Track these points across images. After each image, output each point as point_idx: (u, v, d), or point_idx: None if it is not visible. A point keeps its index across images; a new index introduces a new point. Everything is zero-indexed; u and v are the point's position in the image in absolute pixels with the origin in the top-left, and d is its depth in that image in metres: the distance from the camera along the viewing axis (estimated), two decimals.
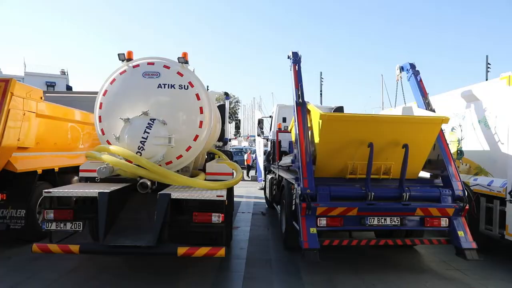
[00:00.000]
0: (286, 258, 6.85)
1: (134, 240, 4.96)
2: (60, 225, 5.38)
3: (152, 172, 5.48)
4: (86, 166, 6.19)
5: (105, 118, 6.08)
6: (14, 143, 6.73)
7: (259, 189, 16.94)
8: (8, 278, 5.55)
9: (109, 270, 6.00)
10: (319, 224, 5.84)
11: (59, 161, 8.32)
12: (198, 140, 6.09)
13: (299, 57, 7.35)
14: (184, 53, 6.18)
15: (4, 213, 6.96)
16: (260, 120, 14.25)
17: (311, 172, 6.01)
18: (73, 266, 6.09)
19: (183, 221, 5.34)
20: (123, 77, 6.12)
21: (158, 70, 6.04)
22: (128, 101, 5.93)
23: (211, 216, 5.16)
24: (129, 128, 5.63)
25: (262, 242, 8.00)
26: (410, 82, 7.99)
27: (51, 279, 5.56)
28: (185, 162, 6.15)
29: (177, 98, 6.00)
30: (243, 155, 25.68)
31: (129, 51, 6.25)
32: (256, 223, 9.95)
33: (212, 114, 6.42)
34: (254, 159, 22.05)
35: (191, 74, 6.23)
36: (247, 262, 6.55)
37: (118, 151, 5.54)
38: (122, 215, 5.45)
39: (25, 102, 6.99)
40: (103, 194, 5.10)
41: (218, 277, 5.87)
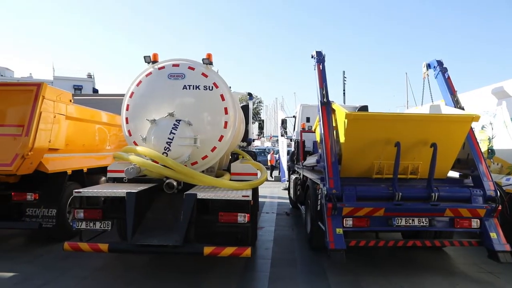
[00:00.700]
0: (311, 259, 6.80)
1: (161, 239, 5.03)
2: (89, 224, 5.51)
3: (178, 172, 5.55)
4: (114, 167, 6.32)
5: (132, 120, 6.19)
6: (45, 145, 6.93)
7: (283, 189, 16.88)
8: (40, 276, 5.72)
9: (136, 269, 6.10)
10: (345, 225, 5.78)
11: (88, 162, 8.53)
12: (223, 141, 6.13)
13: (323, 56, 7.29)
14: (208, 54, 6.22)
15: (37, 212, 7.17)
16: (283, 120, 14.20)
17: (337, 172, 5.95)
18: (101, 265, 6.22)
19: (209, 221, 5.37)
20: (149, 79, 6.21)
21: (183, 71, 6.11)
22: (154, 103, 6.01)
23: (237, 216, 5.17)
24: (155, 129, 5.72)
25: (287, 242, 7.97)
26: (437, 80, 7.80)
27: (80, 277, 5.70)
28: (210, 162, 6.20)
29: (202, 99, 6.05)
30: (266, 155, 25.71)
31: (154, 53, 6.35)
32: (280, 223, 9.93)
33: (237, 114, 6.44)
34: (277, 160, 22.04)
35: (215, 75, 6.27)
36: (272, 262, 6.54)
37: (145, 151, 5.63)
38: (149, 215, 5.53)
39: (56, 105, 7.20)
40: (130, 194, 5.19)
41: (244, 277, 5.88)
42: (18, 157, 6.42)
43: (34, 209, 7.19)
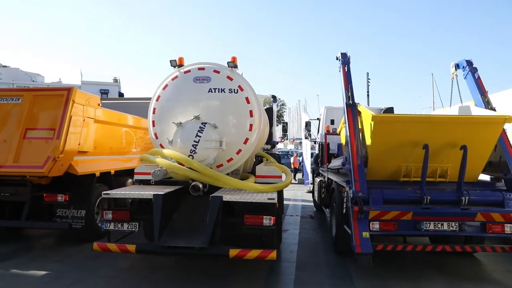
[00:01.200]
0: (336, 262, 6.73)
1: (187, 241, 5.08)
2: (117, 225, 5.61)
3: (203, 174, 5.59)
4: (141, 169, 6.42)
5: (158, 123, 6.29)
6: (75, 148, 7.12)
7: (307, 192, 16.79)
8: (70, 275, 5.87)
9: (162, 270, 6.17)
10: (371, 228, 5.69)
11: (115, 164, 8.70)
12: (248, 143, 6.14)
13: (348, 58, 7.21)
14: (233, 57, 6.26)
15: (67, 213, 7.37)
16: (307, 122, 14.12)
17: (363, 174, 5.87)
18: (128, 265, 6.32)
19: (235, 223, 5.39)
20: (175, 82, 6.30)
21: (208, 75, 6.17)
22: (180, 106, 6.09)
23: (263, 219, 5.17)
24: (182, 132, 5.79)
25: (311, 246, 7.91)
26: (466, 80, 7.60)
27: (108, 277, 5.81)
28: (235, 165, 6.22)
29: (227, 102, 6.09)
30: (289, 158, 25.61)
31: (180, 57, 6.44)
32: (305, 226, 9.87)
33: (262, 117, 6.45)
34: (300, 162, 21.93)
35: (240, 78, 6.30)
36: (297, 265, 6.50)
37: (171, 154, 5.70)
38: (175, 217, 5.59)
39: (85, 109, 7.39)
40: (157, 196, 5.26)
41: (269, 280, 5.87)
42: (50, 160, 6.62)
43: (64, 210, 7.39)
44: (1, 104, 7.31)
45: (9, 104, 7.33)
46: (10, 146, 6.95)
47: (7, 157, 6.89)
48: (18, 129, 7.01)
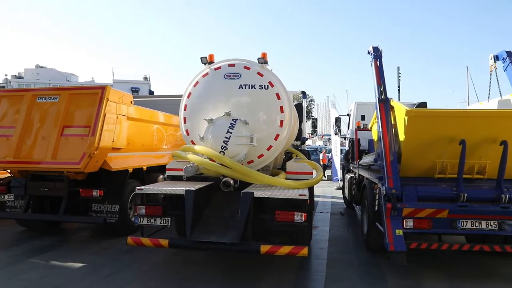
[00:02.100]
0: (368, 260, 6.62)
1: (218, 236, 5.12)
2: (150, 220, 5.73)
3: (234, 170, 5.62)
4: (172, 165, 6.52)
5: (189, 119, 6.36)
6: (109, 144, 7.31)
7: (336, 188, 16.61)
8: (106, 267, 6.04)
9: (194, 265, 6.25)
10: (405, 226, 5.56)
11: (147, 161, 8.89)
12: (279, 139, 6.12)
13: (380, 52, 7.05)
14: (263, 53, 6.24)
15: (101, 207, 7.58)
16: (337, 118, 13.94)
17: (396, 171, 5.74)
18: (161, 260, 6.43)
19: (266, 219, 5.40)
20: (205, 79, 6.35)
21: (238, 71, 6.18)
22: (211, 102, 6.14)
23: (294, 215, 5.15)
24: (213, 128, 5.83)
25: (342, 243, 7.82)
26: (507, 72, 7.28)
27: (143, 270, 5.94)
28: (266, 161, 6.22)
29: (258, 98, 6.09)
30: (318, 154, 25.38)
31: (210, 54, 6.48)
32: (335, 223, 9.77)
33: (292, 113, 6.42)
34: (330, 159, 21.71)
35: (271, 74, 6.28)
36: (328, 262, 6.44)
37: (202, 150, 5.76)
38: (206, 212, 5.65)
39: (118, 107, 7.57)
40: (189, 192, 5.33)
41: (299, 276, 5.84)
42: (86, 156, 6.82)
43: (99, 205, 7.61)
44: (40, 103, 7.58)
45: (47, 103, 7.60)
46: (48, 143, 7.21)
47: (46, 153, 7.15)
48: (56, 126, 7.26)
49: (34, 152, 7.32)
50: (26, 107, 7.56)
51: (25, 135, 7.44)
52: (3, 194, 7.91)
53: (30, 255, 6.67)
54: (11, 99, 7.96)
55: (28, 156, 7.31)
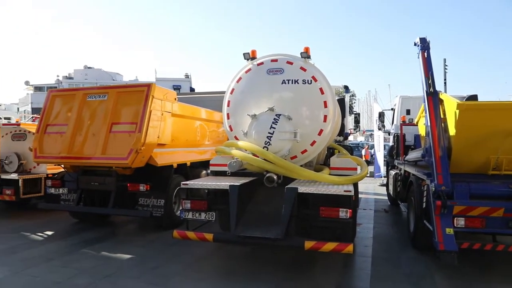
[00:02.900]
0: (415, 259, 6.41)
1: (262, 232, 5.13)
2: (195, 214, 5.84)
3: (278, 166, 5.61)
4: (216, 161, 6.61)
5: (232, 115, 6.41)
6: (155, 140, 7.51)
7: (380, 185, 16.22)
8: (152, 259, 6.24)
9: (237, 259, 6.32)
10: (456, 225, 5.34)
11: (190, 156, 9.07)
12: (322, 135, 6.05)
13: (427, 43, 6.77)
14: (306, 47, 6.17)
15: (148, 202, 7.82)
16: (380, 113, 13.57)
17: (446, 167, 5.50)
18: (205, 253, 6.56)
19: (310, 215, 5.35)
20: (248, 75, 6.37)
21: (281, 66, 6.15)
22: (254, 98, 6.15)
23: (339, 211, 5.07)
24: (256, 124, 5.85)
25: (387, 241, 7.64)
26: None
27: (187, 263, 6.09)
28: (309, 156, 6.16)
29: (301, 93, 6.03)
30: (360, 150, 24.90)
31: (253, 50, 6.49)
32: (379, 220, 9.55)
33: (336, 108, 6.32)
34: (372, 155, 21.24)
35: (314, 68, 6.20)
36: (373, 260, 6.30)
37: (246, 146, 5.79)
38: (250, 208, 5.68)
39: (163, 104, 7.76)
40: (233, 187, 5.38)
41: (344, 274, 5.76)
42: (133, 152, 7.06)
43: (145, 199, 7.85)
44: (90, 102, 7.91)
45: (96, 101, 7.92)
46: (98, 139, 7.52)
47: (96, 149, 7.47)
48: (105, 123, 7.55)
49: (85, 148, 7.66)
50: (77, 105, 7.92)
51: (77, 132, 7.80)
52: (57, 187, 8.35)
53: (82, 246, 7.01)
54: (64, 98, 8.38)
55: (79, 152, 7.67)
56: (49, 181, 8.55)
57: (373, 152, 20.14)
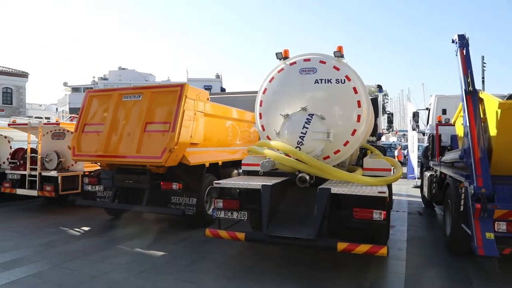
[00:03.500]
0: (452, 264, 6.20)
1: (294, 232, 5.12)
2: (227, 213, 5.87)
3: (311, 166, 5.57)
4: (248, 160, 6.63)
5: (265, 115, 6.42)
6: (187, 140, 7.62)
7: (413, 187, 15.81)
8: (185, 257, 6.33)
9: (269, 259, 6.30)
10: (497, 229, 5.12)
11: (222, 156, 9.15)
12: (356, 135, 5.96)
13: (466, 40, 6.53)
14: (339, 47, 6.10)
15: (180, 200, 7.96)
16: (415, 113, 13.22)
17: (487, 169, 5.29)
18: (236, 252, 6.59)
19: (342, 216, 5.28)
20: (281, 75, 6.36)
21: (314, 66, 6.11)
22: (286, 98, 6.14)
23: (372, 213, 4.97)
24: (289, 124, 5.83)
25: (422, 244, 7.43)
26: None
27: (219, 261, 6.14)
28: (342, 157, 6.09)
29: (334, 93, 5.97)
30: (393, 151, 24.36)
31: (285, 49, 6.48)
32: (413, 223, 9.30)
33: (369, 107, 6.21)
34: (405, 155, 20.75)
35: (347, 67, 6.13)
36: (407, 264, 6.15)
37: (278, 146, 5.78)
38: (281, 208, 5.68)
39: (195, 103, 7.86)
40: (266, 186, 5.38)
41: (377, 277, 5.64)
42: (166, 151, 7.18)
43: (178, 198, 7.99)
44: (126, 102, 8.12)
45: (131, 101, 8.12)
46: (133, 138, 7.70)
47: (130, 148, 7.65)
48: (140, 123, 7.73)
49: (120, 147, 7.87)
50: (113, 105, 8.15)
51: (113, 131, 8.02)
52: (94, 185, 8.62)
53: (117, 242, 7.20)
54: (100, 99, 8.63)
55: (115, 151, 7.88)
56: (86, 179, 8.86)
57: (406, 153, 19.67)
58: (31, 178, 10.05)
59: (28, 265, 5.87)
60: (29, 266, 5.80)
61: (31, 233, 7.87)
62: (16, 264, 5.89)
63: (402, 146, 24.12)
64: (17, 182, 10.33)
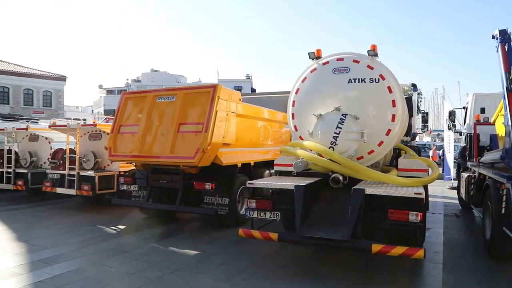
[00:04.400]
0: (492, 268, 5.98)
1: (328, 233, 5.07)
2: (260, 213, 5.88)
3: (344, 166, 5.51)
4: (280, 161, 6.63)
5: (297, 115, 6.40)
6: (220, 140, 7.71)
7: (449, 188, 15.34)
8: (218, 256, 6.40)
9: (301, 260, 6.27)
10: None
11: (254, 156, 9.19)
12: (390, 135, 5.85)
13: (508, 35, 6.28)
14: (373, 45, 6.01)
15: (213, 200, 8.04)
16: (451, 112, 12.79)
17: None
18: (269, 252, 6.59)
19: (377, 217, 5.19)
20: (313, 75, 6.33)
21: (347, 65, 6.04)
22: (319, 98, 6.10)
23: (408, 215, 4.85)
24: (322, 124, 5.79)
25: (459, 247, 7.20)
26: None
27: (252, 261, 6.16)
28: (376, 157, 5.99)
29: (368, 92, 5.88)
30: (427, 151, 23.67)
31: (318, 49, 6.44)
32: (449, 225, 9.04)
33: (404, 107, 6.09)
34: (440, 156, 20.15)
35: (381, 66, 6.02)
36: (444, 267, 5.97)
37: (312, 146, 5.75)
38: (314, 208, 5.64)
39: (228, 104, 7.94)
40: (299, 187, 5.36)
41: (413, 280, 5.51)
42: (199, 151, 7.29)
43: (210, 197, 8.08)
44: (159, 103, 8.30)
45: (165, 103, 8.29)
46: (166, 139, 7.86)
47: (164, 149, 7.82)
48: (173, 124, 7.88)
49: (154, 148, 8.05)
50: (148, 106, 8.35)
51: (147, 132, 8.22)
52: (129, 184, 8.86)
53: (151, 240, 7.37)
54: (135, 100, 8.86)
55: (149, 151, 8.07)
56: (121, 178, 9.10)
57: (441, 153, 19.10)
58: (69, 177, 10.44)
59: (68, 261, 6.10)
60: (69, 262, 6.03)
61: (70, 230, 8.18)
62: (57, 260, 6.13)
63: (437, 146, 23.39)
64: (57, 181, 10.75)
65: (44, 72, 42.56)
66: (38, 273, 5.54)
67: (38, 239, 7.36)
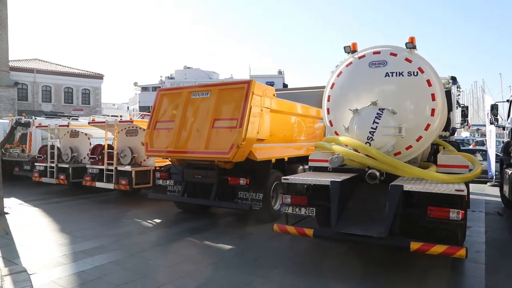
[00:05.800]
0: None
1: (364, 229, 4.99)
2: (295, 209, 5.87)
3: (381, 162, 5.41)
4: (315, 156, 6.57)
5: (333, 110, 6.32)
6: (254, 136, 7.73)
7: (490, 185, 14.72)
8: (252, 251, 6.43)
9: (336, 257, 6.19)
10: None
11: (288, 152, 9.16)
12: (429, 130, 5.68)
13: None
14: (411, 37, 5.84)
15: (247, 195, 8.08)
16: (493, 105, 12.21)
17: None
18: (303, 249, 6.56)
19: (415, 215, 5.05)
20: (349, 69, 6.22)
21: (384, 58, 5.90)
22: (355, 92, 6.00)
23: (449, 212, 4.69)
24: (358, 119, 5.69)
25: (502, 247, 6.92)
26: None
27: (286, 257, 6.17)
28: (415, 153, 5.83)
29: (406, 86, 5.73)
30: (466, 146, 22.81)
31: (353, 43, 6.33)
32: (491, 224, 8.67)
33: (444, 101, 5.88)
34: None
35: (420, 59, 5.84)
36: (487, 268, 5.74)
37: (347, 141, 5.67)
38: (350, 204, 5.56)
39: (262, 100, 7.95)
40: (335, 183, 5.30)
41: (453, 281, 5.31)
42: (234, 147, 7.35)
43: (244, 193, 8.12)
44: (195, 99, 8.41)
45: (199, 99, 8.40)
46: (201, 135, 7.96)
47: (199, 144, 7.92)
48: (208, 120, 7.97)
49: (189, 143, 8.18)
50: (183, 103, 8.48)
51: (182, 128, 8.36)
52: (165, 179, 9.04)
53: (186, 234, 7.51)
54: (171, 97, 9.02)
55: (184, 147, 8.21)
56: (157, 173, 9.31)
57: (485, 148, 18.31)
58: (108, 172, 10.78)
59: (108, 252, 6.31)
60: (109, 254, 6.23)
61: (109, 223, 8.46)
62: (98, 251, 6.35)
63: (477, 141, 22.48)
64: (96, 176, 11.13)
65: (83, 71, 44.22)
66: (80, 263, 5.77)
67: (79, 231, 7.65)
